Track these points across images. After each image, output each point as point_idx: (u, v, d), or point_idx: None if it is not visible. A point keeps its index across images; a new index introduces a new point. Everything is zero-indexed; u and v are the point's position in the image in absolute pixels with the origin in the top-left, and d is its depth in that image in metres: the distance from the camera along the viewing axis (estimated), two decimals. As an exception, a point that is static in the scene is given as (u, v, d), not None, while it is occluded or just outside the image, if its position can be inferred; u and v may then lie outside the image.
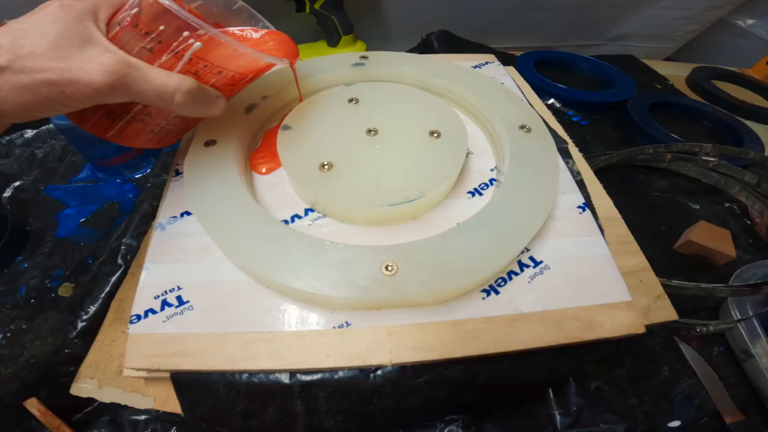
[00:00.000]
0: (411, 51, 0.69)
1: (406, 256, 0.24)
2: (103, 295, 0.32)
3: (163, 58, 0.22)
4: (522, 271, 0.26)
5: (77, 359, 0.28)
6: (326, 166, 0.28)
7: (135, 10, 0.22)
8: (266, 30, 0.30)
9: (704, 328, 0.34)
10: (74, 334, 0.30)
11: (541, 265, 0.26)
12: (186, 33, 0.21)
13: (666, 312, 0.27)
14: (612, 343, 0.26)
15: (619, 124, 0.59)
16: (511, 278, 0.26)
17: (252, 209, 0.26)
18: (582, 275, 0.26)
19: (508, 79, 0.42)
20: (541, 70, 0.63)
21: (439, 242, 0.24)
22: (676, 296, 0.36)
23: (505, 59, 0.66)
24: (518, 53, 0.69)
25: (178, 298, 0.24)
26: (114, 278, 0.32)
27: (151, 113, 0.26)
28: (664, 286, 0.35)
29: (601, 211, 0.32)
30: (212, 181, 0.28)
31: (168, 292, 0.25)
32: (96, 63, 0.20)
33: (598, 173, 0.48)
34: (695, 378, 0.33)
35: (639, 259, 0.29)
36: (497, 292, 0.25)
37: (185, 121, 0.28)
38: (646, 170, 0.52)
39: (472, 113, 0.37)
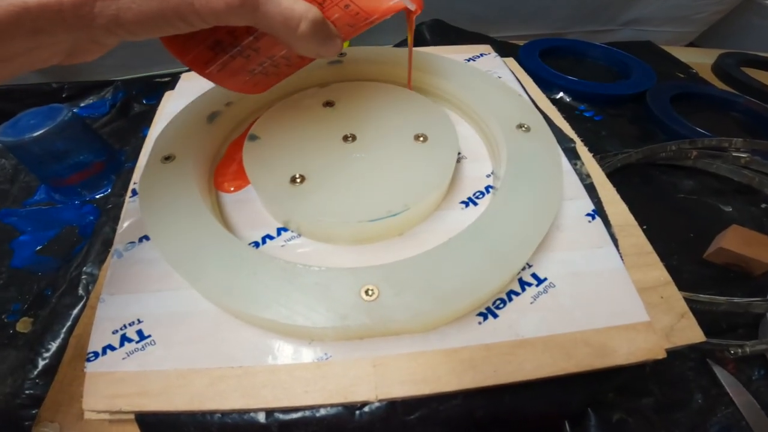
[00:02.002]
0: (400, 44, 0.70)
1: (389, 278, 0.23)
2: (64, 330, 0.32)
3: None
4: (523, 290, 0.26)
5: (40, 400, 0.28)
6: (298, 180, 0.29)
7: None
8: None
9: (739, 350, 0.33)
10: (35, 373, 0.30)
11: (546, 283, 0.26)
12: None
13: (692, 333, 0.26)
14: (633, 368, 0.25)
15: (638, 119, 0.59)
16: (511, 299, 0.25)
17: (215, 231, 0.26)
18: (592, 293, 0.26)
19: (506, 71, 0.43)
20: (548, 61, 0.64)
21: (426, 261, 0.24)
22: (706, 313, 0.36)
23: (507, 49, 0.67)
24: (521, 42, 0.70)
25: (139, 332, 0.24)
26: (75, 311, 0.33)
27: (259, 48, 0.26)
28: (691, 301, 0.35)
29: (614, 218, 0.31)
30: (171, 201, 0.28)
31: (127, 326, 0.25)
32: None
33: (615, 174, 0.49)
34: (732, 406, 0.32)
35: (659, 273, 0.29)
36: (495, 316, 0.25)
37: (288, 63, 0.29)
38: (670, 169, 0.51)
39: (465, 112, 0.37)
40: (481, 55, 0.45)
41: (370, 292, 0.23)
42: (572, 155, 0.35)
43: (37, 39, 0.19)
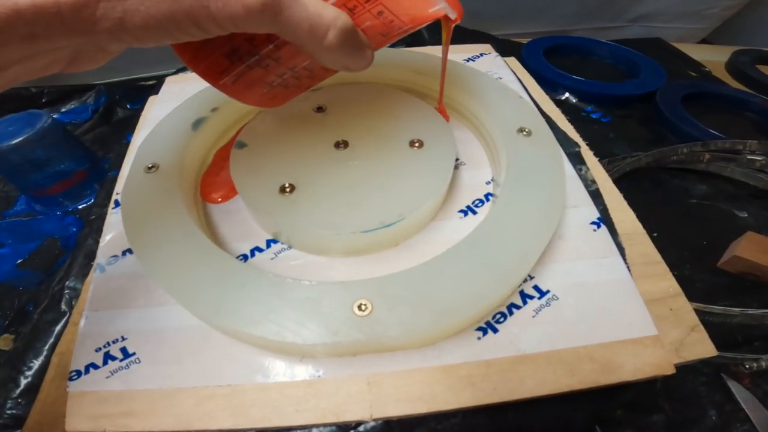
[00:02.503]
0: (396, 44, 0.70)
1: (382, 291, 0.24)
2: (46, 347, 0.32)
3: None
4: (525, 303, 0.26)
5: (22, 420, 0.28)
6: (288, 189, 0.29)
7: None
8: None
9: (755, 364, 0.33)
10: (17, 392, 0.30)
11: (548, 296, 0.26)
12: None
13: (703, 347, 0.26)
14: (642, 384, 0.26)
15: (647, 120, 0.59)
16: (511, 312, 0.26)
17: (201, 244, 0.26)
18: (597, 306, 0.26)
19: (508, 72, 0.43)
20: (553, 60, 0.64)
21: (421, 273, 0.25)
22: (720, 325, 0.36)
23: (509, 48, 0.67)
24: (525, 40, 0.70)
25: (123, 349, 0.25)
26: (58, 327, 0.33)
27: (279, 57, 0.25)
28: (704, 313, 0.35)
29: (621, 226, 0.32)
30: (155, 213, 0.28)
31: (111, 343, 0.25)
32: None
33: (623, 179, 0.49)
34: (748, 423, 0.33)
35: (668, 283, 0.29)
36: (495, 330, 0.25)
37: (311, 75, 0.28)
38: (681, 173, 0.52)
39: (464, 116, 0.38)
40: (481, 54, 0.46)
41: (362, 307, 0.23)
42: (577, 160, 0.35)
43: (34, 45, 0.18)
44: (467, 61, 0.44)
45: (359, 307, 0.23)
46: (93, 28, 0.17)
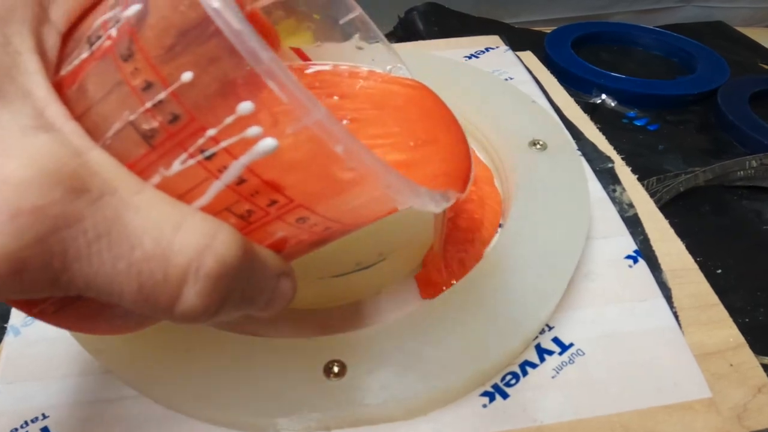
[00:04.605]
0: (386, 37, 0.72)
1: (359, 349, 0.24)
2: (-42, 430, 0.33)
3: (174, 166, 0.13)
4: (542, 360, 0.27)
5: None
6: (243, 227, 0.30)
7: (134, 7, 0.13)
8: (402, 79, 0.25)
9: None
10: None
11: (571, 350, 0.27)
12: (242, 110, 0.12)
13: None
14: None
15: (706, 127, 0.60)
16: (525, 372, 0.26)
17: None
18: (634, 362, 0.27)
19: (521, 70, 0.45)
20: (584, 53, 0.65)
21: (408, 325, 0.25)
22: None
23: (529, 39, 0.68)
24: (548, 29, 0.71)
25: (44, 430, 0.25)
26: (-28, 406, 0.34)
27: None
28: (776, 370, 0.35)
29: (666, 260, 0.32)
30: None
31: (29, 422, 0.26)
32: (9, 169, 0.11)
33: (677, 201, 0.50)
34: None
35: (728, 332, 0.29)
36: (505, 395, 0.26)
37: None
38: (751, 193, 0.52)
39: (464, 127, 0.38)
40: (487, 49, 0.47)
41: (334, 369, 0.24)
42: (609, 179, 0.36)
43: None
44: (468, 58, 0.46)
45: (330, 369, 0.24)
46: None
